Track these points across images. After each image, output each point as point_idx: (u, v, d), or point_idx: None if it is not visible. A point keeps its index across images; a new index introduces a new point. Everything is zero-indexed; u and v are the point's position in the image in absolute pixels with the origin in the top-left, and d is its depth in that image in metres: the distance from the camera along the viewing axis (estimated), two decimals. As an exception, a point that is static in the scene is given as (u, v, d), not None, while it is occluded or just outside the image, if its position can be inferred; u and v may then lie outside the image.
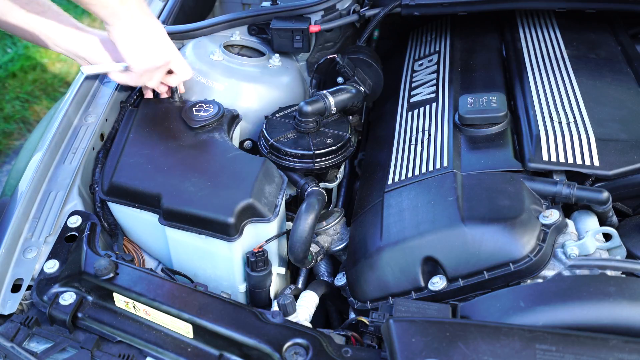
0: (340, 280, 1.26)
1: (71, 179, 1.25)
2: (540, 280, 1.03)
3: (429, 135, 1.33)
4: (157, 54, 1.28)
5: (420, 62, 1.64)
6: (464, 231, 1.07)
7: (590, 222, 1.12)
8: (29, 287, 1.08)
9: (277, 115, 1.40)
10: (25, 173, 1.27)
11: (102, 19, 1.20)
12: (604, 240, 1.08)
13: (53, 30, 1.28)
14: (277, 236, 1.22)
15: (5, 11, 1.25)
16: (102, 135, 1.39)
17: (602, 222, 1.14)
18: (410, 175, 1.25)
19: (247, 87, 1.46)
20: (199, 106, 1.34)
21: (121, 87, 1.46)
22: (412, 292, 1.10)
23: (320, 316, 1.34)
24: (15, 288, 1.08)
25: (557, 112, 1.26)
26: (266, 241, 1.19)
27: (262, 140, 1.37)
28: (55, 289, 1.07)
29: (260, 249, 1.16)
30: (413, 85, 1.55)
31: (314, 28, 1.54)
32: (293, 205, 1.41)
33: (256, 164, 1.22)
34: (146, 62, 1.28)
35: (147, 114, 1.37)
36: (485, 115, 1.27)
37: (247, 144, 1.47)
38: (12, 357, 0.99)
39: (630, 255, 1.08)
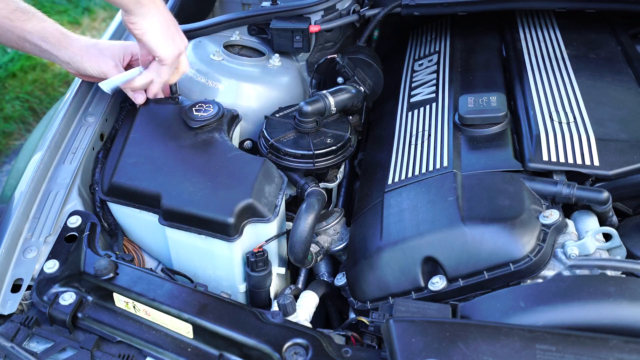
0: (340, 280, 1.26)
1: (71, 179, 1.25)
2: (540, 280, 1.03)
3: (429, 135, 1.33)
4: (180, 39, 1.30)
5: (420, 62, 1.64)
6: (464, 231, 1.07)
7: (590, 222, 1.12)
8: (29, 287, 1.08)
9: (277, 115, 1.40)
10: (25, 173, 1.27)
11: (126, 8, 1.19)
12: (604, 240, 1.08)
13: (36, 37, 1.28)
14: (277, 236, 1.22)
15: None
16: (102, 135, 1.39)
17: (602, 222, 1.14)
18: (410, 175, 1.25)
19: (247, 87, 1.46)
20: (198, 106, 1.34)
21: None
22: (412, 292, 1.10)
23: (320, 316, 1.34)
24: (15, 288, 1.08)
25: (557, 112, 1.26)
26: (266, 241, 1.19)
27: (262, 140, 1.37)
28: (55, 289, 1.07)
29: (260, 249, 1.16)
30: (413, 85, 1.55)
31: (314, 28, 1.54)
32: (293, 205, 1.41)
33: (256, 164, 1.22)
34: (175, 49, 1.29)
35: (147, 114, 1.37)
36: (485, 115, 1.27)
37: (247, 144, 1.47)
38: (12, 357, 0.99)
39: (630, 255, 1.08)
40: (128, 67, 1.38)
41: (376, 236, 1.17)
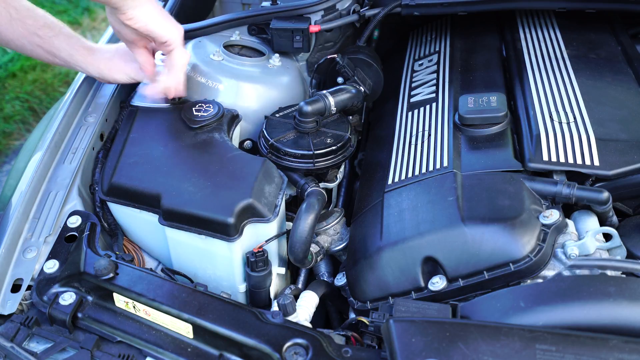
0: (340, 280, 1.26)
1: (71, 179, 1.25)
2: (540, 280, 1.03)
3: (429, 135, 1.33)
4: (174, 20, 1.31)
5: (420, 62, 1.64)
6: (464, 231, 1.07)
7: (590, 222, 1.12)
8: (29, 287, 1.09)
9: (277, 115, 1.40)
10: (25, 173, 1.27)
11: (117, 4, 1.20)
12: (604, 240, 1.08)
13: (64, 53, 1.33)
14: (277, 236, 1.22)
15: (19, 37, 1.30)
16: (102, 135, 1.39)
17: (602, 222, 1.14)
18: (410, 175, 1.25)
19: (247, 87, 1.46)
20: (198, 106, 1.34)
21: (121, 87, 1.47)
22: (412, 292, 1.10)
23: (320, 316, 1.34)
24: (15, 288, 1.08)
25: (557, 112, 1.26)
26: (266, 241, 1.19)
27: (262, 140, 1.37)
28: (55, 289, 1.07)
29: (260, 249, 1.16)
30: (413, 85, 1.55)
31: (314, 28, 1.54)
32: (293, 205, 1.41)
33: (256, 164, 1.22)
34: (179, 28, 1.30)
35: (147, 114, 1.37)
36: (485, 115, 1.27)
37: (247, 144, 1.47)
38: (12, 357, 0.99)
39: (630, 255, 1.08)
40: None
41: (376, 236, 1.17)
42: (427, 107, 1.43)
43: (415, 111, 1.44)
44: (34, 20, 1.29)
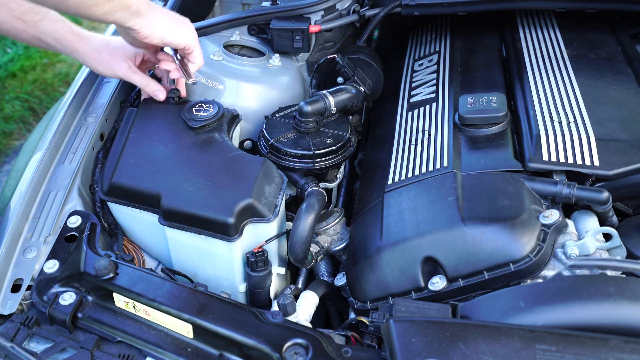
0: (340, 280, 1.26)
1: (71, 179, 1.25)
2: (540, 280, 1.03)
3: (429, 135, 1.33)
4: (185, 19, 1.31)
5: (420, 62, 1.64)
6: (464, 231, 1.07)
7: (590, 222, 1.12)
8: (29, 287, 1.09)
9: (277, 115, 1.40)
10: (25, 173, 1.27)
11: (128, 24, 1.18)
12: (604, 240, 1.08)
13: (50, 38, 1.29)
14: (277, 236, 1.22)
15: (3, 21, 1.26)
16: (102, 135, 1.39)
17: (602, 222, 1.14)
18: (410, 175, 1.25)
19: (247, 87, 1.46)
20: (198, 106, 1.34)
21: (121, 87, 1.47)
22: (412, 292, 1.10)
23: (320, 316, 1.34)
24: (15, 288, 1.08)
25: (557, 112, 1.26)
26: (266, 241, 1.19)
27: (262, 140, 1.37)
28: (55, 289, 1.07)
29: (260, 249, 1.16)
30: (413, 85, 1.55)
31: (314, 28, 1.54)
32: (293, 205, 1.41)
33: (256, 164, 1.22)
34: (191, 30, 1.30)
35: (147, 114, 1.37)
36: (485, 115, 1.27)
37: (247, 144, 1.47)
38: (12, 357, 0.99)
39: (630, 255, 1.08)
40: (142, 64, 1.38)
41: (376, 236, 1.17)
42: (427, 107, 1.43)
43: (415, 111, 1.44)
44: (17, 5, 1.25)
